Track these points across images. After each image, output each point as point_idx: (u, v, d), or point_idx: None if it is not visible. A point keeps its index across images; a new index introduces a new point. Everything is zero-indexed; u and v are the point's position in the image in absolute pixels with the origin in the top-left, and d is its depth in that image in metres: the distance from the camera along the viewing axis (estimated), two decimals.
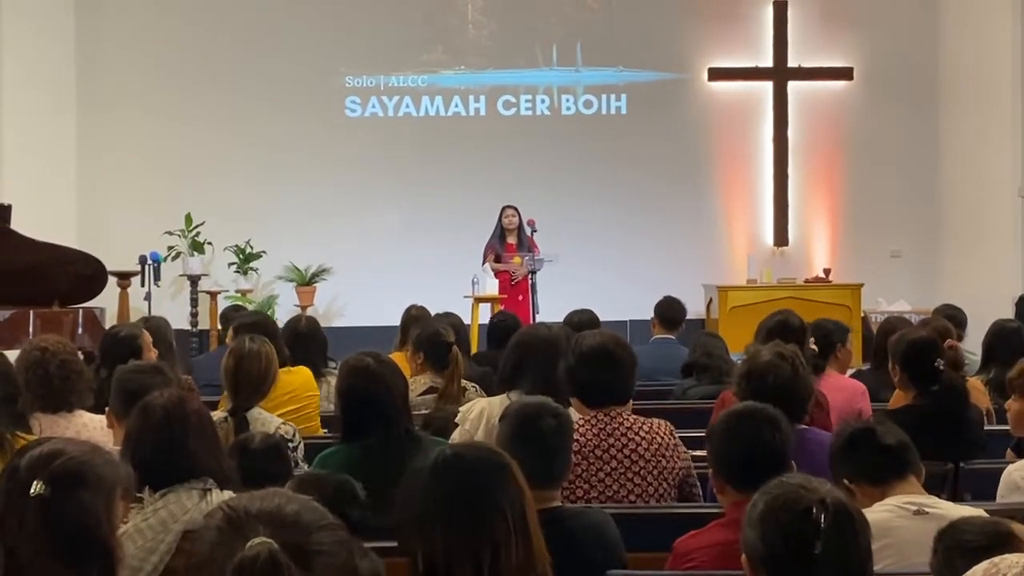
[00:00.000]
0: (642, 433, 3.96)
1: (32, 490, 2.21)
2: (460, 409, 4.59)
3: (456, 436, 4.45)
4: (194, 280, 12.23)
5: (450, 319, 6.31)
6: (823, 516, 2.17)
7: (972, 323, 7.44)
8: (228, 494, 2.93)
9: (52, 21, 12.37)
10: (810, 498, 2.20)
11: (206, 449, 3.06)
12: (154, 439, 3.01)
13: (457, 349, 5.36)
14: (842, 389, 5.38)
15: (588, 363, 4.03)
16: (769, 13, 13.17)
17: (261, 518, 1.54)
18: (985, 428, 5.04)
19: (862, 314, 12.17)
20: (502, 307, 10.91)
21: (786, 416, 3.34)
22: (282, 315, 11.99)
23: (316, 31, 12.84)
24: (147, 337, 5.40)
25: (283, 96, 12.79)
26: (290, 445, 4.34)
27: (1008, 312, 11.32)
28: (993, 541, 2.31)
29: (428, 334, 5.52)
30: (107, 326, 10.04)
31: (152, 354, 5.35)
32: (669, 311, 7.30)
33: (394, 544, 2.52)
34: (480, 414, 4.44)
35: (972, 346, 6.90)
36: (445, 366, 5.33)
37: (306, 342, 5.88)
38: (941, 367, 4.69)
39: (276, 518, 1.54)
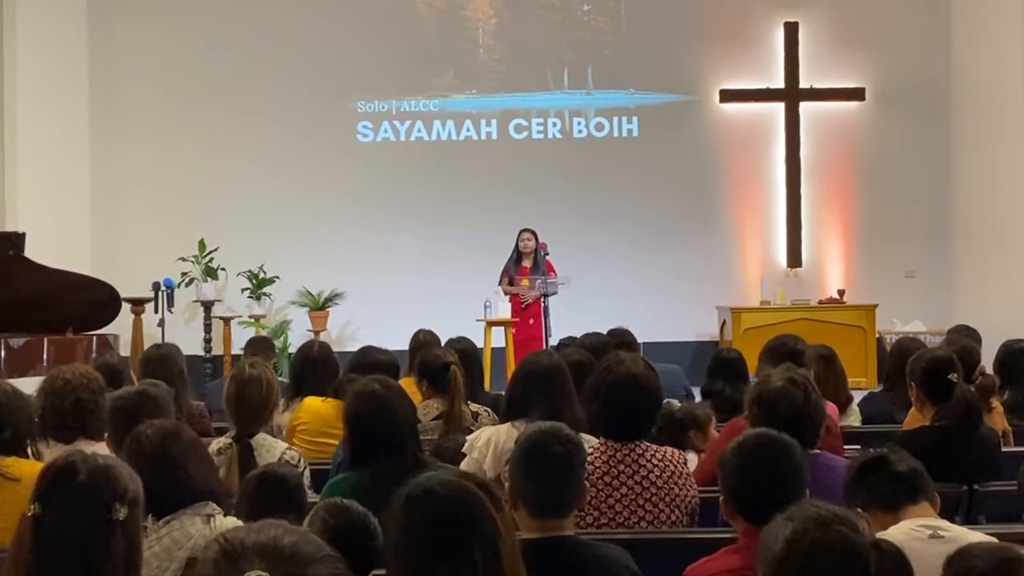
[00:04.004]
0: (654, 460, 3.92)
1: (113, 515, 2.27)
2: (467, 438, 4.54)
3: (465, 465, 4.41)
4: (207, 306, 12.25)
5: (461, 343, 6.25)
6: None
7: (988, 343, 7.37)
8: (232, 520, 2.93)
9: (66, 52, 12.47)
10: (859, 541, 2.08)
11: (204, 473, 3.05)
12: (152, 466, 3.01)
13: (456, 370, 5.24)
14: None
15: (613, 401, 3.95)
16: (780, 34, 13.18)
17: (257, 550, 1.53)
18: (1002, 449, 5.00)
19: (877, 335, 12.11)
20: (514, 330, 10.92)
21: (799, 443, 3.30)
22: (295, 340, 12.05)
23: (327, 57, 12.90)
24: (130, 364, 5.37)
25: (295, 122, 12.84)
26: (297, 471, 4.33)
27: (1023, 332, 11.30)
28: (1001, 567, 2.29)
29: (426, 358, 5.44)
30: (122, 352, 10.09)
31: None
32: (628, 337, 7.29)
33: None
34: (488, 442, 4.39)
35: (986, 367, 6.85)
36: (446, 388, 5.25)
37: (316, 368, 5.84)
38: (955, 379, 4.64)
39: (272, 550, 1.53)
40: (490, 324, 10.95)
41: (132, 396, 4.16)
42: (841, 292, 12.78)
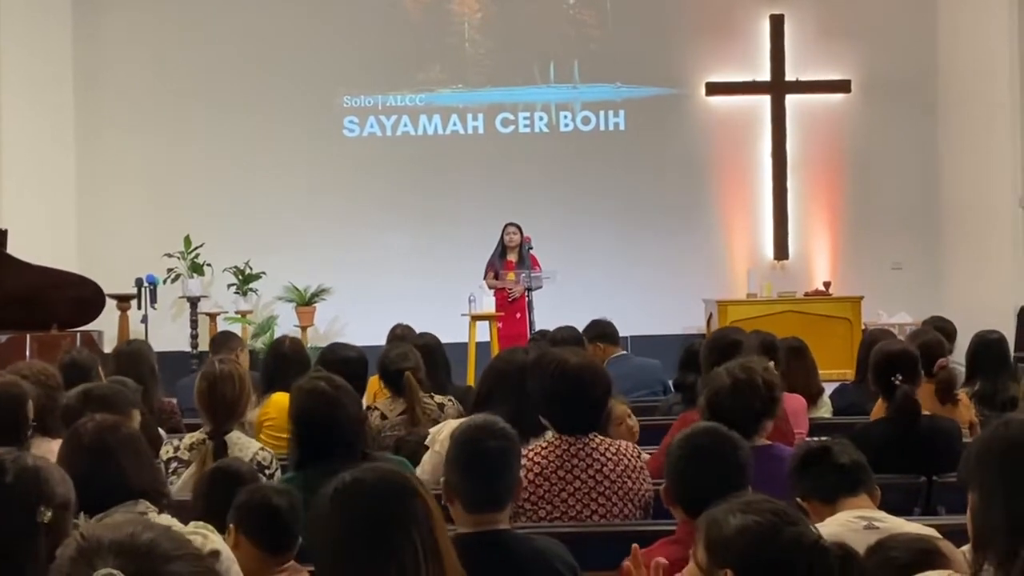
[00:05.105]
0: (608, 454, 3.93)
1: (38, 518, 2.24)
2: (430, 431, 4.55)
3: (427, 459, 4.42)
4: (194, 302, 12.26)
5: (424, 338, 6.25)
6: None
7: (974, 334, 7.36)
8: (166, 517, 2.93)
9: (50, 47, 12.46)
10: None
11: (141, 470, 3.06)
12: (88, 460, 3.02)
13: (410, 376, 5.21)
14: None
15: (560, 394, 3.97)
16: (766, 27, 13.17)
17: (113, 548, 1.51)
18: (965, 441, 5.01)
19: (863, 327, 12.10)
20: (499, 324, 10.92)
21: (741, 434, 3.32)
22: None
23: (314, 52, 12.89)
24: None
25: (281, 117, 12.84)
26: (267, 472, 4.34)
27: (1010, 323, 11.31)
28: (918, 558, 2.32)
29: (383, 362, 5.42)
30: (106, 349, 10.10)
31: None
32: (609, 329, 7.31)
33: None
34: (449, 436, 4.39)
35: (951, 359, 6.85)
36: (403, 393, 5.24)
37: (287, 364, 5.83)
38: (897, 381, 4.67)
39: (128, 547, 1.51)
40: (475, 318, 10.95)
41: (76, 396, 4.18)
42: (827, 284, 12.78)
